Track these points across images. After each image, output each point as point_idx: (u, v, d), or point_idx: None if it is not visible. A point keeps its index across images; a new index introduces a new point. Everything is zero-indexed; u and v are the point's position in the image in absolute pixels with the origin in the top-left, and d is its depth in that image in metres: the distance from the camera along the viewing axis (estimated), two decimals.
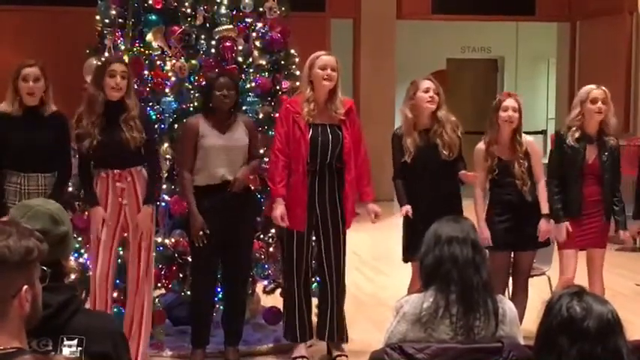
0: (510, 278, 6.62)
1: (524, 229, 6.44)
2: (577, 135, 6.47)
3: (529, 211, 6.43)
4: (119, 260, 6.39)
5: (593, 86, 6.56)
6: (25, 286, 2.48)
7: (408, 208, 6.37)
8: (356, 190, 6.49)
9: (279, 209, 6.36)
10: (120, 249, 6.38)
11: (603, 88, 6.51)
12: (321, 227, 6.48)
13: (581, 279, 6.28)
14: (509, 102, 6.45)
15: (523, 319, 5.57)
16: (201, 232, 6.22)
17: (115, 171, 6.09)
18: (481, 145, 6.53)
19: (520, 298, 6.27)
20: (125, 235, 6.27)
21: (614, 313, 2.76)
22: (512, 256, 6.56)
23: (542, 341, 2.83)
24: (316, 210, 6.43)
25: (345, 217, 6.49)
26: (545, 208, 6.47)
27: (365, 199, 6.54)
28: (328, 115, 6.40)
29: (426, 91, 6.42)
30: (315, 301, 6.69)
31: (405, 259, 6.54)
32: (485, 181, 6.54)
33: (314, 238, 6.54)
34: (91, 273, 6.22)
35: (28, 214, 3.03)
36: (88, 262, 6.37)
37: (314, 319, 6.69)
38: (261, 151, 6.79)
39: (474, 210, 6.52)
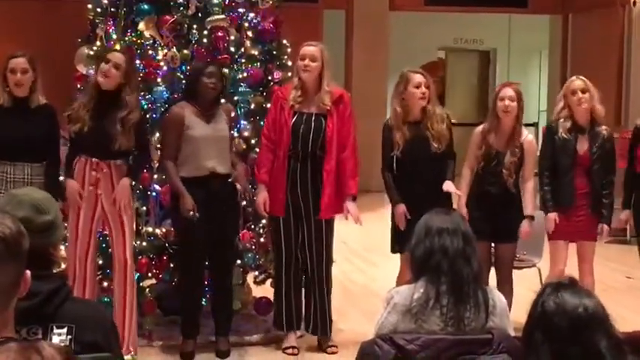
0: (495, 270, 6.63)
1: (501, 221, 6.43)
2: (568, 125, 6.50)
3: (507, 204, 6.44)
4: (109, 250, 6.40)
5: (573, 77, 6.62)
6: (28, 271, 2.47)
7: (403, 209, 6.36)
8: (336, 181, 6.46)
9: (261, 196, 6.41)
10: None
11: (582, 77, 6.56)
12: (304, 216, 6.48)
13: (573, 271, 6.29)
14: (507, 91, 6.46)
15: (510, 310, 5.56)
16: (191, 213, 6.19)
17: (94, 159, 6.08)
18: (479, 130, 6.55)
19: (505, 289, 6.25)
20: (102, 230, 6.28)
21: (589, 308, 2.73)
22: (492, 247, 6.58)
23: (523, 335, 2.84)
24: (299, 197, 6.44)
25: (320, 206, 6.46)
26: (529, 210, 6.47)
27: (346, 193, 6.51)
28: (316, 105, 6.42)
29: (418, 86, 6.40)
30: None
31: (394, 251, 6.55)
32: (475, 164, 6.54)
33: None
34: (69, 262, 6.18)
35: (12, 202, 3.02)
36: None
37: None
38: (253, 142, 6.79)
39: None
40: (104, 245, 6.47)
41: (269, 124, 6.45)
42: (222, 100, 6.60)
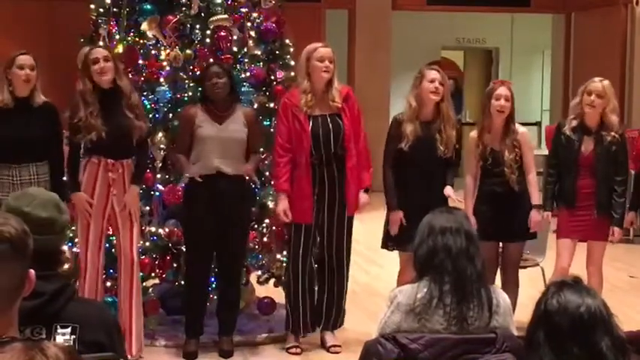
0: (500, 269, 6.63)
1: (509, 220, 6.45)
2: (574, 124, 6.50)
3: (515, 202, 6.45)
4: (112, 250, 6.41)
5: (596, 79, 6.56)
6: (32, 271, 2.47)
7: (400, 215, 6.37)
8: (358, 177, 6.49)
9: (282, 204, 6.39)
10: (112, 238, 6.40)
11: (605, 83, 6.49)
12: (327, 216, 6.48)
13: (580, 270, 6.28)
14: (502, 90, 6.45)
15: (515, 310, 5.57)
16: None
17: (109, 160, 6.08)
18: (474, 133, 6.55)
19: (510, 289, 6.24)
20: (109, 230, 6.28)
21: (591, 308, 2.73)
22: (500, 247, 6.58)
23: (526, 334, 2.84)
24: (324, 200, 6.44)
25: (347, 202, 6.48)
26: (535, 199, 6.48)
27: (361, 185, 6.53)
28: (327, 105, 6.42)
29: (432, 81, 6.41)
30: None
31: (386, 246, 6.59)
32: (477, 168, 6.54)
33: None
34: (81, 263, 6.18)
35: (34, 202, 3.01)
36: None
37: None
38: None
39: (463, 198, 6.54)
40: (107, 245, 6.47)
41: (283, 134, 6.39)
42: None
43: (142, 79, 6.72)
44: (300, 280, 6.53)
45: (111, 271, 6.48)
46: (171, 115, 6.75)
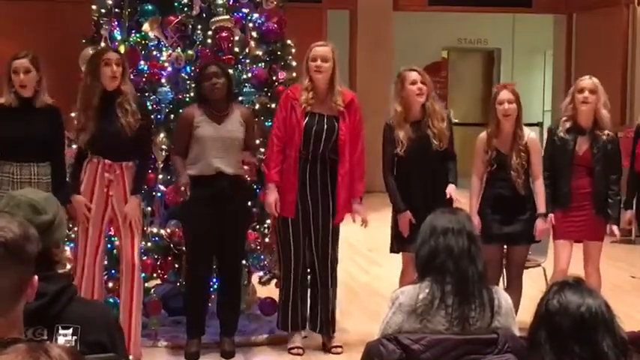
0: (504, 270, 6.63)
1: (515, 223, 6.44)
2: (567, 125, 6.50)
3: (521, 206, 6.44)
4: (114, 251, 6.41)
5: (585, 76, 6.59)
6: (35, 276, 2.48)
7: (409, 216, 6.32)
8: (350, 185, 6.48)
9: (272, 195, 6.39)
10: (114, 239, 6.40)
11: (594, 79, 6.51)
12: (312, 217, 6.48)
13: (578, 271, 6.29)
14: (504, 94, 6.44)
15: (518, 311, 5.56)
16: (183, 188, 6.20)
17: (106, 161, 6.08)
18: (483, 136, 6.54)
19: (514, 290, 6.26)
20: (111, 229, 6.27)
21: (592, 308, 2.74)
22: (505, 249, 6.58)
23: (528, 334, 2.85)
24: (308, 199, 6.44)
25: (336, 209, 6.48)
26: (541, 208, 6.47)
27: (354, 196, 6.53)
28: (328, 106, 6.42)
29: (413, 83, 6.41)
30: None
31: (394, 250, 6.55)
32: (484, 170, 6.53)
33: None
34: (78, 264, 6.16)
35: (10, 204, 3.03)
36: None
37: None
38: (257, 142, 6.77)
39: (468, 198, 6.53)
40: (109, 246, 6.47)
41: (279, 124, 6.42)
42: (240, 98, 6.67)
43: (144, 79, 6.72)
44: (292, 276, 6.51)
45: (113, 272, 6.48)
46: (172, 115, 6.75)
